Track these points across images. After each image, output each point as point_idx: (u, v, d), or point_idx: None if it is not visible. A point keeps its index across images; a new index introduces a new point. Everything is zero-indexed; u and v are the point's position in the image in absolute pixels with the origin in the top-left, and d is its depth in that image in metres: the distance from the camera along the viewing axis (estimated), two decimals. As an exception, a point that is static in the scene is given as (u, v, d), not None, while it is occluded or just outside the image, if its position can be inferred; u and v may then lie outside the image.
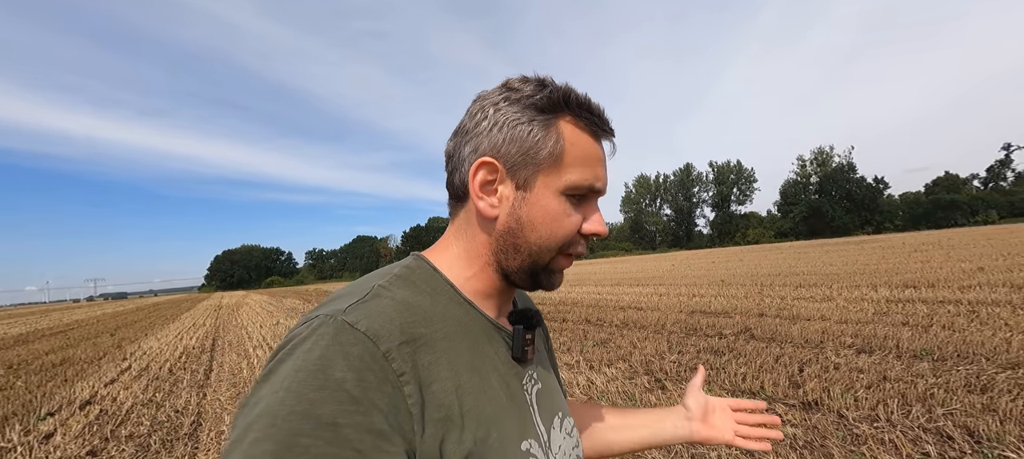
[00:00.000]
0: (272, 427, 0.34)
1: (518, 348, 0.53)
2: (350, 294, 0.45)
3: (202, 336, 10.29)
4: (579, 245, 0.52)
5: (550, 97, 0.48)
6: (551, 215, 0.49)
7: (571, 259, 0.53)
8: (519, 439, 0.48)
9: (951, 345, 3.98)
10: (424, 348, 0.43)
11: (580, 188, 0.49)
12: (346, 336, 0.39)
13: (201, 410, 4.32)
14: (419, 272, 0.51)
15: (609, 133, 0.53)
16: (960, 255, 12.72)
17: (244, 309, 18.27)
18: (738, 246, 60.23)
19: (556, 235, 0.49)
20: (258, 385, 0.38)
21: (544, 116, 0.48)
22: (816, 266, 13.79)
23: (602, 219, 0.52)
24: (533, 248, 0.50)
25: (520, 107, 0.48)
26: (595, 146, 0.51)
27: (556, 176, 0.48)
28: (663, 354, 4.69)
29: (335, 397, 0.36)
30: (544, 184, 0.48)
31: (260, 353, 6.99)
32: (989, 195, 66.50)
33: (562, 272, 0.53)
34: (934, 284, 7.68)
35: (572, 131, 0.49)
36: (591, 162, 0.50)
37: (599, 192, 0.52)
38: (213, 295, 52.84)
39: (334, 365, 0.37)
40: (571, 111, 0.49)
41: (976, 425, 2.51)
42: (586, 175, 0.49)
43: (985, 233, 26.70)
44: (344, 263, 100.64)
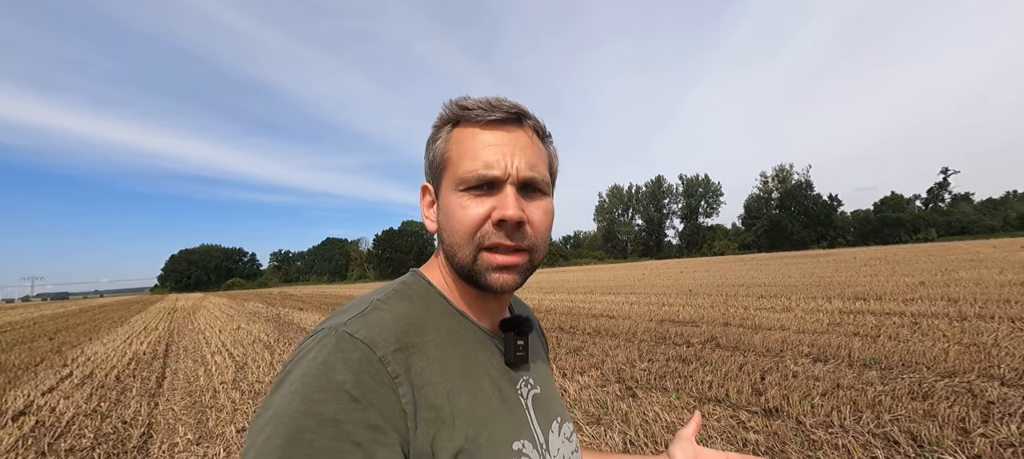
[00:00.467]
0: (280, 425, 0.39)
1: (510, 353, 0.57)
2: (352, 309, 0.51)
3: (154, 341, 9.67)
4: (491, 236, 0.50)
5: (444, 113, 0.55)
6: (450, 213, 0.53)
7: (504, 255, 0.51)
8: (511, 439, 0.50)
9: (896, 355, 4.27)
10: (417, 354, 0.48)
11: (468, 179, 0.51)
12: (346, 344, 0.44)
13: (152, 421, 4.05)
14: (415, 287, 0.56)
15: (500, 116, 0.52)
16: (904, 270, 13.69)
17: (201, 312, 17.32)
18: (705, 257, 62.45)
19: (457, 231, 0.52)
20: (270, 394, 0.44)
21: (444, 129, 0.55)
22: (776, 278, 14.49)
23: (508, 202, 0.50)
24: (451, 249, 0.53)
25: (433, 131, 0.57)
26: (482, 134, 0.52)
27: (450, 175, 0.53)
28: (634, 362, 4.79)
29: (336, 397, 0.41)
30: (445, 188, 0.54)
31: (219, 359, 6.63)
32: (929, 215, 72.03)
33: (501, 270, 0.51)
34: (881, 297, 8.22)
35: (459, 131, 0.54)
36: (477, 150, 0.52)
37: (497, 177, 0.50)
38: (167, 297, 49.72)
39: (335, 369, 0.42)
40: (458, 115, 0.54)
41: (919, 430, 2.70)
42: (471, 164, 0.51)
43: (925, 250, 28.88)
44: (312, 265, 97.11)
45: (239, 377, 5.38)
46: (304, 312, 14.31)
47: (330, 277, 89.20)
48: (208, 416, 4.01)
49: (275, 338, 8.54)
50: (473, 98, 0.54)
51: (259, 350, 7.21)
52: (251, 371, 5.62)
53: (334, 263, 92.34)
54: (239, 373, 5.60)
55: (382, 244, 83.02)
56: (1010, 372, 3.56)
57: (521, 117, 0.54)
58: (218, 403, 4.36)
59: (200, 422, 3.91)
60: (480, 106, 0.53)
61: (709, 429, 2.95)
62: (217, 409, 4.18)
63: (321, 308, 15.76)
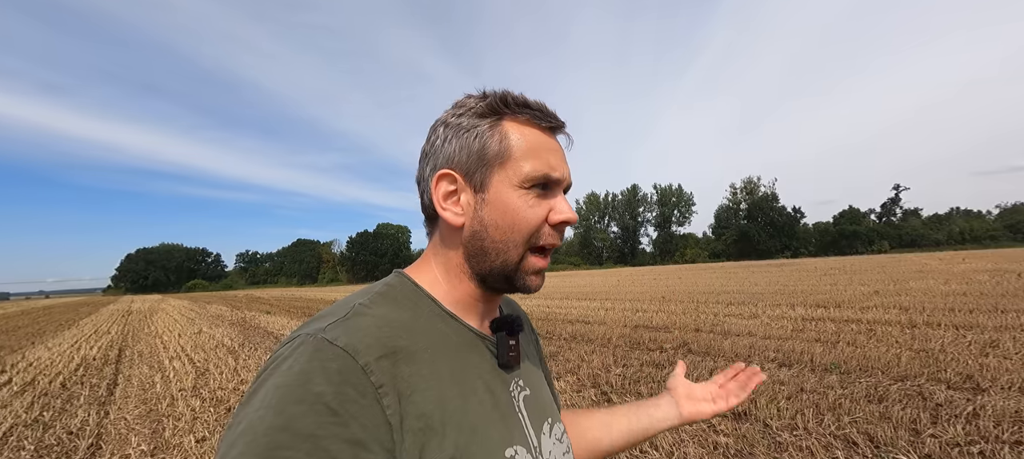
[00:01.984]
0: (253, 441, 0.36)
1: (503, 355, 0.54)
2: (332, 314, 0.47)
3: (106, 345, 9.07)
4: (548, 236, 0.52)
5: (490, 103, 0.52)
6: (512, 209, 0.50)
7: (545, 257, 0.53)
8: (504, 445, 0.48)
9: (854, 360, 4.49)
10: (404, 360, 0.44)
11: (535, 178, 0.50)
12: (325, 352, 0.41)
13: (102, 431, 3.79)
14: (400, 288, 0.53)
15: (555, 123, 0.54)
16: (860, 280, 14.48)
17: (159, 315, 16.40)
18: (677, 264, 64.15)
19: (519, 228, 0.50)
20: (242, 405, 0.40)
21: (488, 120, 0.52)
22: (744, 286, 15.03)
23: (569, 206, 0.53)
24: (500, 247, 0.51)
25: (466, 118, 0.52)
26: (542, 136, 0.53)
27: (510, 171, 0.50)
28: (609, 367, 4.84)
29: (314, 410, 0.37)
30: (499, 181, 0.51)
31: (177, 365, 6.28)
32: (883, 228, 76.70)
33: (539, 273, 0.53)
34: (840, 305, 8.66)
35: (516, 127, 0.52)
36: (540, 151, 0.51)
37: (558, 181, 0.53)
38: (121, 299, 46.81)
39: (313, 380, 0.39)
40: (511, 110, 0.52)
41: (875, 431, 2.84)
42: (538, 164, 0.51)
43: (879, 261, 30.68)
44: (281, 267, 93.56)
45: (200, 384, 5.11)
46: (272, 316, 13.77)
47: (300, 280, 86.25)
48: (165, 425, 3.78)
49: (240, 343, 8.17)
50: (515, 93, 0.53)
51: (222, 355, 6.88)
52: (213, 378, 5.35)
53: (305, 265, 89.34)
54: (200, 379, 5.32)
55: (356, 246, 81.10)
56: (955, 376, 3.81)
57: (564, 126, 0.56)
58: (176, 411, 4.12)
59: (156, 432, 3.68)
60: (541, 108, 0.53)
61: (681, 432, 3.01)
62: (175, 418, 3.95)
63: (290, 312, 15.21)
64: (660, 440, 2.89)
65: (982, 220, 79.56)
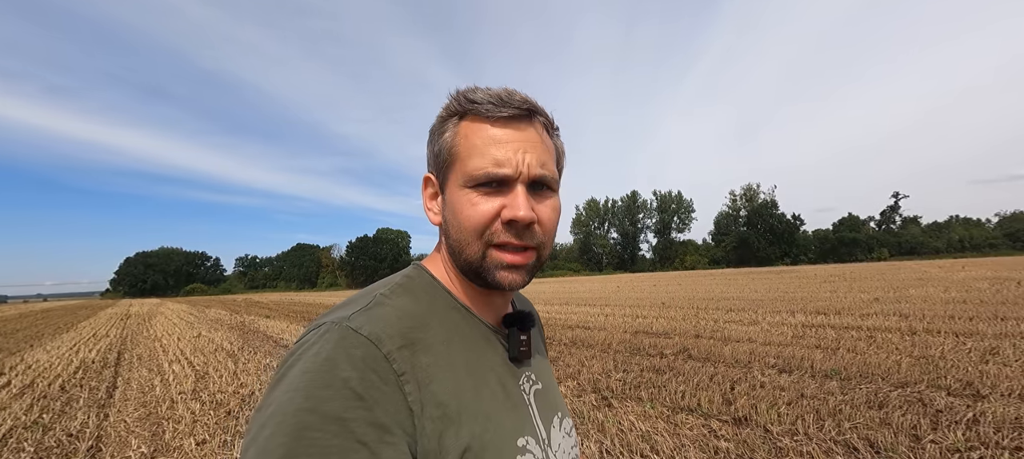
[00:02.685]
0: (283, 422, 0.38)
1: (514, 349, 0.56)
2: (354, 303, 0.49)
3: (105, 348, 9.04)
4: (500, 234, 0.50)
5: (451, 102, 0.53)
6: (457, 209, 0.51)
7: (513, 253, 0.50)
8: (515, 436, 0.50)
9: (854, 366, 4.50)
10: (423, 351, 0.46)
11: (477, 177, 0.49)
12: (350, 340, 0.43)
13: (101, 433, 3.78)
14: (418, 281, 0.55)
15: (511, 112, 0.50)
16: (860, 287, 14.49)
17: (158, 319, 16.36)
18: (677, 271, 64.13)
19: (465, 228, 0.50)
20: (270, 389, 0.42)
21: (450, 121, 0.53)
22: (744, 292, 15.03)
23: (519, 202, 0.49)
24: (459, 245, 0.52)
25: (438, 122, 0.54)
26: (492, 131, 0.50)
27: (458, 171, 0.51)
28: (609, 373, 4.84)
29: (341, 394, 0.39)
30: (452, 182, 0.52)
31: (177, 368, 6.27)
32: (882, 235, 76.75)
33: (510, 268, 0.50)
34: (840, 311, 8.66)
35: (468, 124, 0.52)
36: (485, 148, 0.50)
37: (508, 176, 0.49)
38: (120, 302, 46.66)
39: (339, 366, 0.41)
40: (466, 107, 0.52)
41: (875, 437, 2.84)
42: (479, 162, 0.49)
43: (879, 268, 30.69)
44: (280, 272, 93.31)
45: (199, 387, 5.10)
46: (271, 320, 13.75)
47: (299, 284, 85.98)
48: (164, 428, 3.77)
49: (239, 346, 8.15)
50: (482, 90, 0.51)
51: (222, 359, 6.86)
52: (212, 381, 5.34)
53: (304, 269, 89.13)
54: (199, 383, 5.31)
55: (356, 251, 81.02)
56: (955, 383, 3.81)
57: (532, 112, 0.52)
58: (176, 414, 4.11)
59: (155, 434, 3.67)
60: (490, 101, 0.50)
61: (682, 438, 3.01)
62: (174, 420, 3.94)
63: (289, 316, 15.19)
64: (661, 445, 2.90)
65: (982, 228, 79.73)
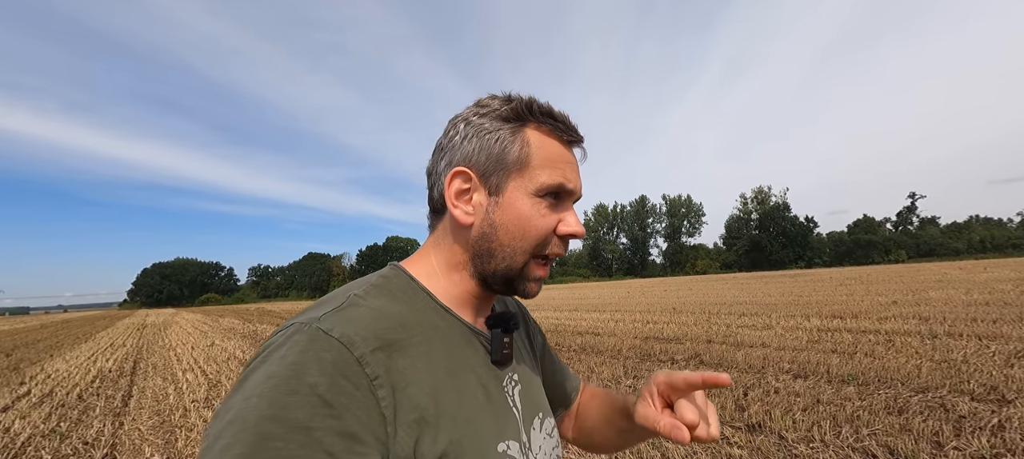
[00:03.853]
0: (243, 432, 0.35)
1: (496, 351, 0.54)
2: (327, 303, 0.47)
3: (121, 358, 9.22)
4: (554, 246, 0.53)
5: (515, 108, 0.52)
6: (523, 216, 0.51)
7: (547, 266, 0.54)
8: (496, 440, 0.49)
9: (872, 371, 4.38)
10: (399, 353, 0.44)
11: (550, 188, 0.51)
12: (320, 342, 0.40)
13: (116, 441, 3.84)
14: (396, 281, 0.53)
15: (576, 137, 0.55)
16: (877, 290, 14.14)
17: (173, 329, 16.63)
18: (688, 276, 63.34)
19: (529, 236, 0.51)
20: (231, 393, 0.39)
21: (511, 125, 0.52)
22: (757, 296, 14.77)
23: (578, 220, 0.54)
24: (507, 251, 0.51)
25: (488, 119, 0.52)
26: (561, 149, 0.53)
27: (526, 179, 0.51)
28: (619, 379, 4.78)
29: (308, 401, 0.36)
30: (515, 187, 0.51)
31: (190, 377, 6.36)
32: (899, 237, 75.01)
33: (539, 281, 0.54)
34: (857, 315, 8.45)
35: (537, 136, 0.52)
36: (559, 163, 0.52)
37: (572, 193, 0.53)
38: (136, 312, 47.59)
39: (307, 370, 0.38)
40: (535, 118, 0.53)
41: (895, 444, 2.75)
42: (555, 175, 0.51)
43: (896, 271, 29.93)
44: (292, 281, 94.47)
45: (212, 395, 5.16)
46: (283, 328, 13.89)
47: (310, 293, 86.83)
48: (177, 436, 3.82)
49: (251, 355, 8.24)
50: (541, 102, 0.54)
51: (234, 367, 6.94)
52: (225, 389, 5.40)
53: (315, 278, 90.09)
54: (212, 391, 5.37)
55: (366, 260, 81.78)
56: (979, 387, 3.68)
57: (581, 141, 0.57)
58: (189, 422, 4.16)
59: (168, 442, 3.72)
60: (558, 118, 0.54)
61: (694, 445, 2.96)
62: (187, 428, 3.98)
63: (301, 324, 15.33)
64: (672, 451, 2.84)
65: (1003, 228, 77.46)
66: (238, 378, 0.41)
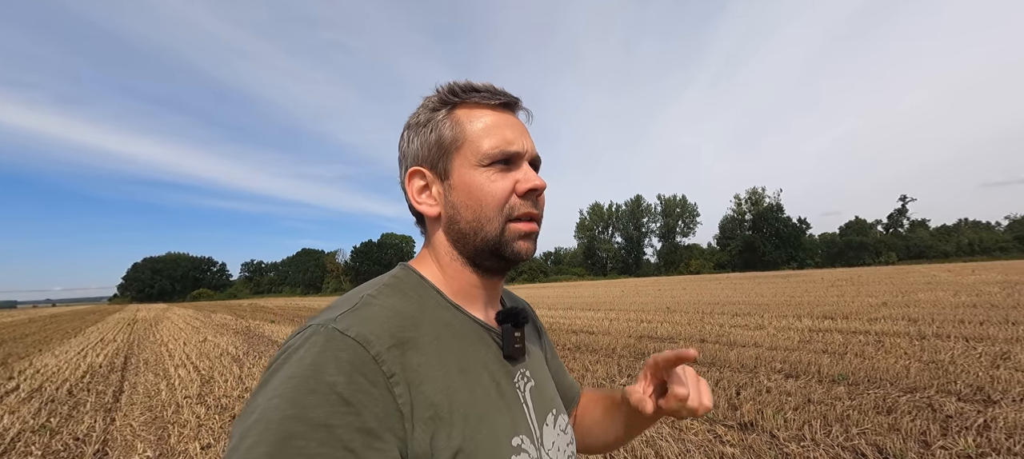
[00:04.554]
0: (267, 431, 0.36)
1: (508, 346, 0.55)
2: (341, 305, 0.48)
3: (112, 353, 9.12)
4: (521, 206, 0.53)
5: (440, 96, 0.55)
6: (475, 188, 0.52)
7: (527, 223, 0.54)
8: (510, 435, 0.50)
9: (862, 371, 4.44)
10: (413, 350, 0.46)
11: (493, 154, 0.52)
12: (337, 342, 0.42)
13: (107, 437, 3.81)
14: (407, 280, 0.54)
15: (507, 99, 0.56)
16: (868, 291, 14.32)
17: (165, 324, 16.48)
18: (682, 275, 63.71)
19: (487, 204, 0.52)
20: (254, 394, 0.41)
21: (440, 112, 0.55)
22: (750, 297, 14.91)
23: (534, 174, 0.55)
24: (474, 225, 0.53)
25: (423, 114, 0.56)
26: (495, 114, 0.55)
27: (468, 153, 0.53)
28: (614, 378, 4.81)
29: (327, 400, 0.38)
30: (459, 165, 0.53)
31: (182, 373, 6.31)
32: (890, 239, 75.90)
33: (527, 237, 0.54)
34: (847, 316, 8.56)
35: (466, 112, 0.54)
36: (494, 129, 0.53)
37: (518, 153, 0.54)
38: (127, 307, 47.06)
39: (326, 370, 0.40)
40: (459, 97, 0.55)
41: (884, 443, 2.80)
42: (493, 140, 0.53)
43: (887, 272, 30.32)
44: (285, 277, 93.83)
45: (205, 391, 5.12)
46: (276, 325, 13.80)
47: (304, 289, 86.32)
48: (170, 432, 3.79)
49: (244, 351, 8.19)
50: (461, 81, 0.55)
51: (227, 363, 6.90)
52: (218, 385, 5.36)
53: (309, 275, 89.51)
54: (205, 387, 5.34)
55: (360, 256, 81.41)
56: (966, 388, 3.75)
57: (518, 102, 0.57)
58: (181, 419, 4.13)
59: (161, 438, 3.69)
60: (488, 89, 0.55)
61: (687, 444, 2.99)
62: (180, 425, 3.96)
63: (294, 321, 15.25)
64: (666, 451, 2.87)
65: (991, 231, 78.61)
66: (260, 379, 0.42)
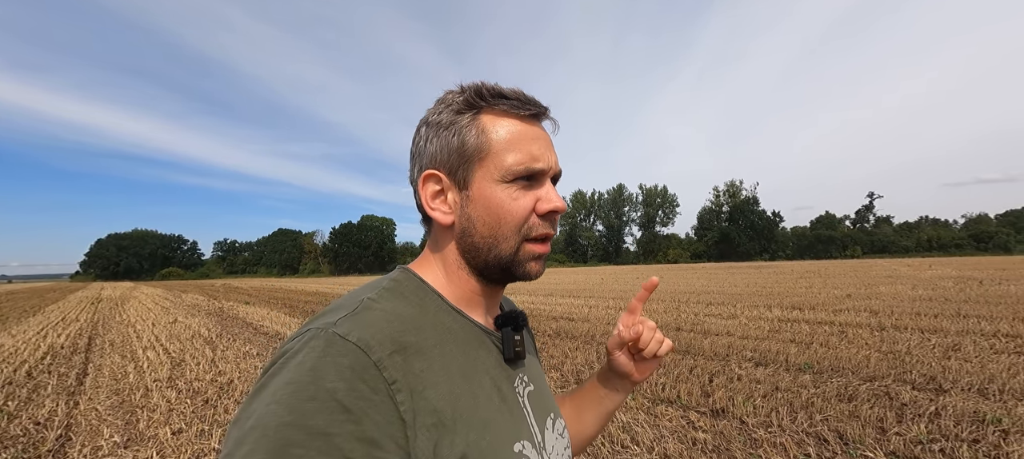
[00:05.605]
0: (264, 438, 0.35)
1: (508, 350, 0.55)
2: (341, 308, 0.46)
3: (74, 333, 8.74)
4: (539, 226, 0.52)
5: (466, 98, 0.52)
6: (495, 205, 0.50)
7: (541, 244, 0.53)
8: (512, 440, 0.49)
9: (827, 360, 4.66)
10: (415, 356, 0.44)
11: (517, 171, 0.50)
12: (337, 347, 0.40)
13: (71, 422, 3.66)
14: (407, 284, 0.53)
15: (536, 109, 0.53)
16: (834, 283, 14.99)
17: (132, 303, 15.87)
18: (660, 264, 65.21)
19: (505, 223, 0.50)
20: (250, 399, 0.39)
21: (465, 115, 0.51)
22: (724, 286, 15.39)
23: (556, 195, 0.52)
24: (490, 242, 0.51)
25: (446, 115, 0.52)
26: (522, 126, 0.52)
27: (490, 166, 0.50)
28: (593, 364, 4.91)
29: (327, 407, 0.37)
30: (481, 177, 0.51)
31: (151, 355, 6.11)
32: (856, 234, 79.30)
33: (539, 259, 0.53)
34: (814, 307, 8.95)
35: (493, 120, 0.51)
36: (520, 142, 0.51)
37: (543, 170, 0.51)
38: (90, 285, 45.02)
39: (326, 376, 0.38)
40: (487, 102, 0.51)
41: (845, 429, 2.96)
42: (520, 156, 0.50)
43: (852, 265, 31.78)
44: (260, 257, 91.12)
45: (176, 375, 4.98)
46: (251, 306, 13.48)
47: (280, 270, 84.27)
48: (138, 417, 3.68)
49: (217, 333, 7.98)
50: (490, 84, 0.52)
51: (199, 345, 6.71)
52: (189, 368, 5.22)
53: (286, 255, 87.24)
54: (176, 370, 5.19)
55: (339, 238, 79.77)
56: (920, 377, 3.99)
57: (545, 112, 0.54)
58: (150, 403, 4.01)
59: (129, 423, 3.58)
60: (517, 97, 0.51)
61: (662, 429, 3.09)
62: (149, 409, 3.84)
63: (270, 303, 14.92)
64: (641, 436, 2.96)
65: (949, 229, 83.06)
66: (256, 383, 0.41)
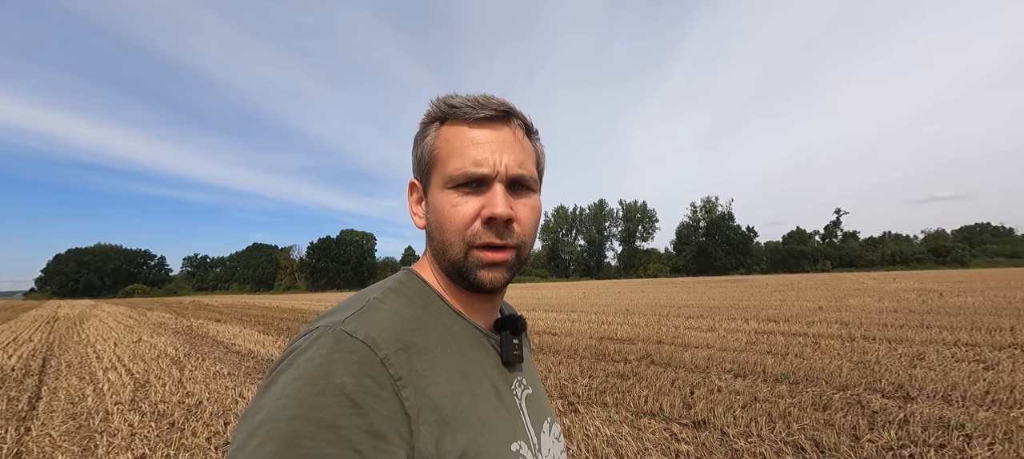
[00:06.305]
0: (275, 430, 0.36)
1: (507, 353, 0.56)
2: (348, 307, 0.49)
3: (26, 355, 8.18)
4: (482, 235, 0.50)
5: (432, 108, 0.55)
6: (440, 211, 0.52)
7: (493, 252, 0.51)
8: (509, 440, 0.50)
9: (802, 370, 4.79)
10: (419, 354, 0.46)
11: (457, 177, 0.50)
12: (345, 344, 0.42)
13: (22, 449, 3.41)
14: (411, 285, 0.54)
15: (488, 113, 0.51)
16: (806, 296, 15.50)
17: (92, 322, 15.00)
18: (641, 278, 66.10)
19: (447, 229, 0.51)
20: (260, 394, 0.41)
21: (432, 126, 0.55)
22: (703, 300, 15.70)
23: (496, 200, 0.50)
24: (441, 247, 0.53)
25: (421, 127, 0.56)
26: (470, 132, 0.51)
27: (439, 174, 0.53)
28: (575, 378, 4.90)
29: (336, 401, 0.38)
30: (434, 185, 0.53)
31: (113, 376, 5.77)
32: (825, 248, 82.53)
33: (489, 267, 0.51)
34: (789, 319, 9.22)
35: (447, 128, 0.53)
36: (465, 149, 0.51)
37: (486, 175, 0.50)
38: (46, 303, 42.34)
39: (334, 371, 0.40)
40: (446, 112, 0.53)
41: (820, 437, 3.04)
42: (458, 162, 0.50)
43: (822, 279, 32.98)
44: (233, 273, 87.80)
45: (139, 397, 4.71)
46: (222, 324, 12.93)
47: (254, 286, 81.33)
48: (98, 442, 3.45)
49: (185, 352, 7.61)
50: (460, 96, 0.53)
51: (165, 366, 6.38)
52: (154, 390, 4.95)
53: (260, 271, 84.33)
54: (139, 392, 4.91)
55: (317, 253, 77.77)
56: (889, 386, 4.15)
57: (509, 114, 0.53)
58: (111, 427, 3.77)
59: (86, 449, 3.35)
60: (468, 104, 0.52)
61: (645, 441, 3.09)
62: (110, 434, 3.61)
63: (243, 320, 14.35)
64: (626, 449, 2.96)
65: (910, 244, 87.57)
66: (265, 380, 0.42)
